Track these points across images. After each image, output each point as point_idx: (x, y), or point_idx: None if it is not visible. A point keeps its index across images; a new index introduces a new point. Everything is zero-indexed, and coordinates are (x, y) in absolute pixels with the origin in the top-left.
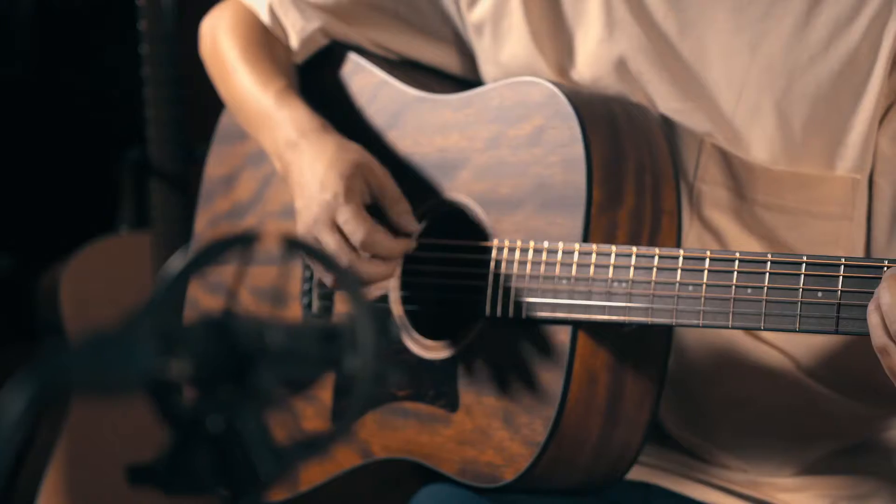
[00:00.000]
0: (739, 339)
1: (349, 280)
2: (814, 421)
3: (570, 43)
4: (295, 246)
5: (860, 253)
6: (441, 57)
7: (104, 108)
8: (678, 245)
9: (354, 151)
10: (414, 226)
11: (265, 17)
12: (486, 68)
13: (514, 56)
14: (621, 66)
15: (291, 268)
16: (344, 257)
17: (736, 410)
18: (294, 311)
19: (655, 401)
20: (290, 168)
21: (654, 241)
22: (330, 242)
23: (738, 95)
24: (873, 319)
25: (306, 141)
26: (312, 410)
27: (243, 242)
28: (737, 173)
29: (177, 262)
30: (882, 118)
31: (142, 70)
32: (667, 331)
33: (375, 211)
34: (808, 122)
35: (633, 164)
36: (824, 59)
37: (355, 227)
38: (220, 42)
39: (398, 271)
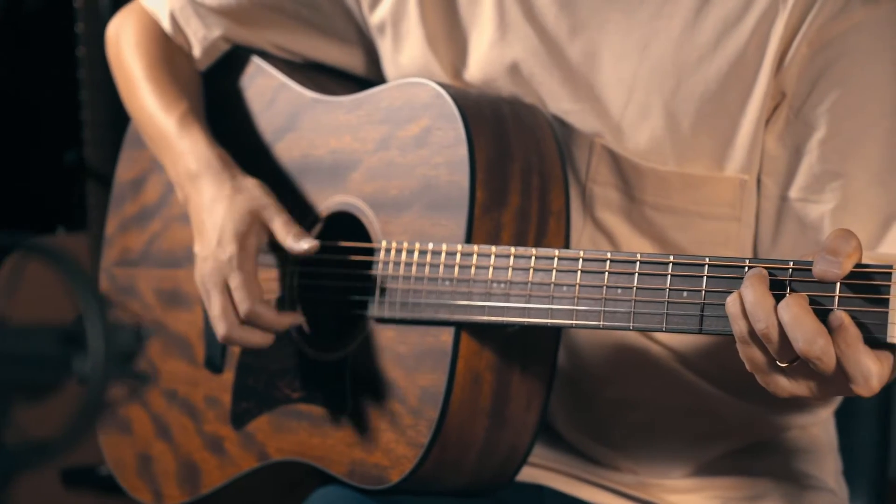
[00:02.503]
0: (632, 340)
1: (82, 283)
2: (706, 422)
3: (465, 45)
4: (29, 252)
5: (750, 254)
6: (346, 58)
7: (41, 110)
8: (567, 246)
9: (248, 193)
10: (313, 243)
11: (167, 26)
12: (389, 70)
13: (412, 58)
14: (513, 67)
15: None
16: (225, 322)
17: (627, 412)
18: (197, 315)
19: (544, 402)
20: (190, 202)
21: (541, 242)
22: (216, 304)
23: (627, 96)
24: (733, 310)
25: (205, 178)
26: (213, 414)
27: None
28: (626, 174)
29: None
30: (769, 119)
31: (79, 72)
32: (555, 332)
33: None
34: (697, 123)
35: (519, 164)
36: (712, 59)
37: (243, 297)
38: (124, 54)
39: (295, 278)
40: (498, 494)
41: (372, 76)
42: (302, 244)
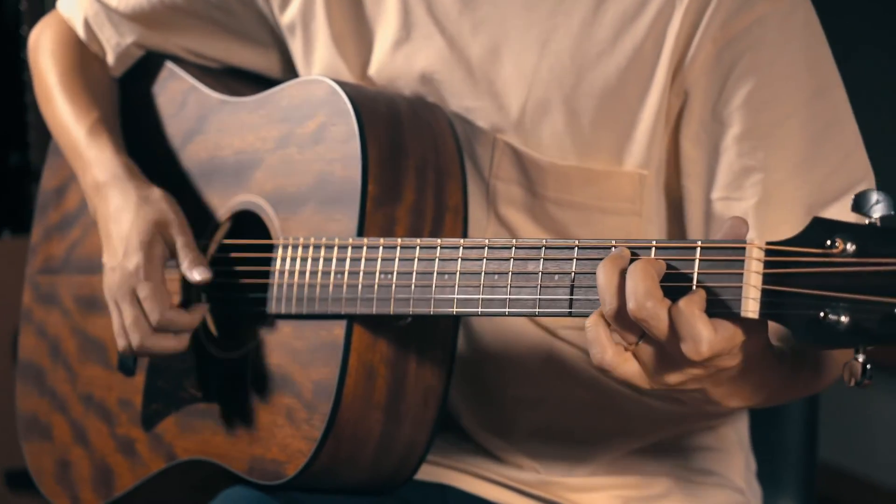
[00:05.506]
0: (537, 337)
1: None
2: (609, 420)
3: (370, 44)
4: None
5: None
6: (261, 61)
7: None
8: None
9: (154, 205)
10: (203, 273)
11: (81, 33)
12: (302, 72)
13: (321, 59)
14: (416, 65)
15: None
16: (138, 332)
17: (531, 409)
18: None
19: (442, 398)
20: (97, 212)
21: (437, 237)
22: (128, 314)
23: (527, 92)
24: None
25: (111, 188)
26: (126, 417)
27: None
28: (528, 170)
29: None
30: (680, 121)
31: (24, 75)
32: (452, 327)
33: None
34: (597, 118)
35: (414, 160)
36: (611, 55)
37: (152, 306)
38: (40, 62)
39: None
40: (401, 493)
41: (289, 79)
42: (195, 274)
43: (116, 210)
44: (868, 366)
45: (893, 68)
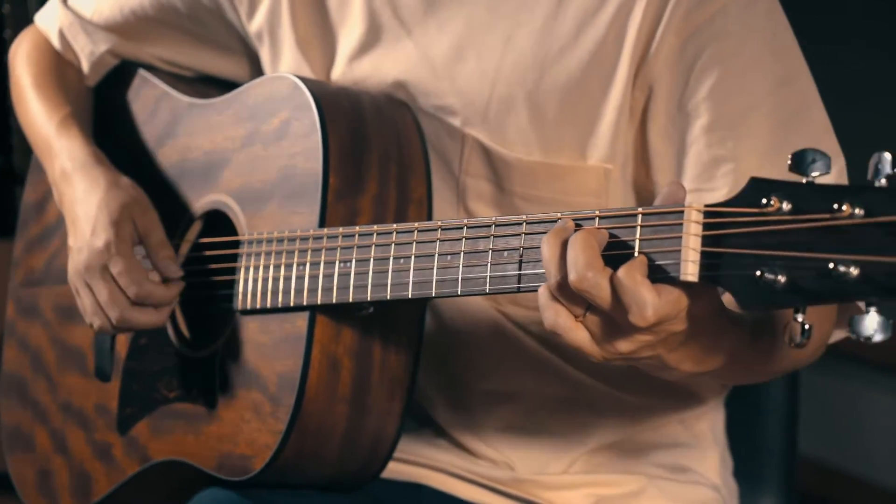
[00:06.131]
0: (507, 331)
1: None
2: (581, 414)
3: (334, 46)
4: None
5: None
6: (232, 68)
7: None
8: None
9: (124, 190)
10: (176, 271)
11: (56, 43)
12: None
13: (287, 64)
14: (386, 70)
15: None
16: (116, 307)
17: (503, 403)
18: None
19: (408, 390)
20: (64, 199)
21: None
22: (102, 291)
23: (490, 90)
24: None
25: (78, 174)
26: (103, 422)
27: None
28: (496, 166)
29: None
30: (646, 116)
31: (7, 78)
32: (416, 318)
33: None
34: (561, 114)
35: (377, 153)
36: (573, 50)
37: (129, 281)
38: (16, 68)
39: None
40: (375, 493)
41: None
42: (175, 268)
43: (84, 193)
44: (807, 326)
45: (889, 65)
